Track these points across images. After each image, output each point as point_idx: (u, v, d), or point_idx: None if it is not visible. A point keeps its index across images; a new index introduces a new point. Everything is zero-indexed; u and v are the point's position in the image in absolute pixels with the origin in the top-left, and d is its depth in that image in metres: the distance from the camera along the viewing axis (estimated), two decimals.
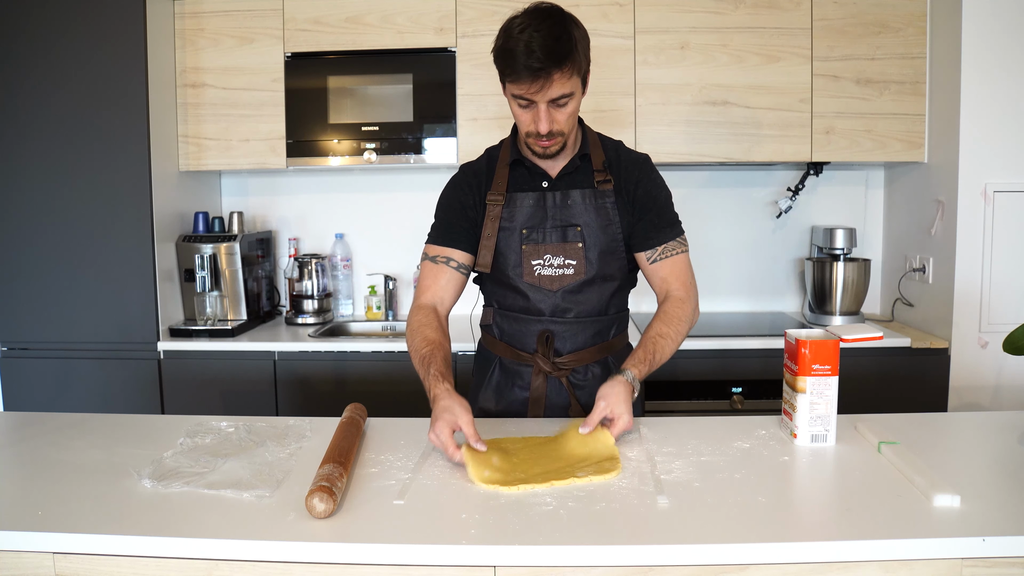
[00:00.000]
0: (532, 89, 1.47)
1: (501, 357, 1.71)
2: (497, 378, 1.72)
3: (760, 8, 2.67)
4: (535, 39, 1.42)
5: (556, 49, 1.43)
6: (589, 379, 1.69)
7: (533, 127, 1.53)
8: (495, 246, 1.64)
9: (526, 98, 1.49)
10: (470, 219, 1.67)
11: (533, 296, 1.64)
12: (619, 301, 1.71)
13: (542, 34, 1.43)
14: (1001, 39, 2.45)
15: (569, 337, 1.66)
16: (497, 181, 1.65)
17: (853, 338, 1.45)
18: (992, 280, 2.51)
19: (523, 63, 1.43)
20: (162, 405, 2.65)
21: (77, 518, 1.16)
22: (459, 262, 1.67)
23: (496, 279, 1.68)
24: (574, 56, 1.46)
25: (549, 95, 1.48)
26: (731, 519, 1.14)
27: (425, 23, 2.73)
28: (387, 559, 1.08)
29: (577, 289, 1.64)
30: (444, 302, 1.67)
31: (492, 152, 1.72)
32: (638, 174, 1.66)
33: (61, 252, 2.65)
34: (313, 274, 2.97)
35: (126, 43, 2.58)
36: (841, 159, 2.73)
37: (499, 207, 1.64)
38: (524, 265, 1.64)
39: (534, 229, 1.63)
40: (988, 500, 1.18)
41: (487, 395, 1.73)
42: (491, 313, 1.72)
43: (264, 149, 2.81)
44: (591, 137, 1.68)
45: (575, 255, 1.63)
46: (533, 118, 1.52)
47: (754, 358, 2.55)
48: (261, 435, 1.51)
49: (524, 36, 1.43)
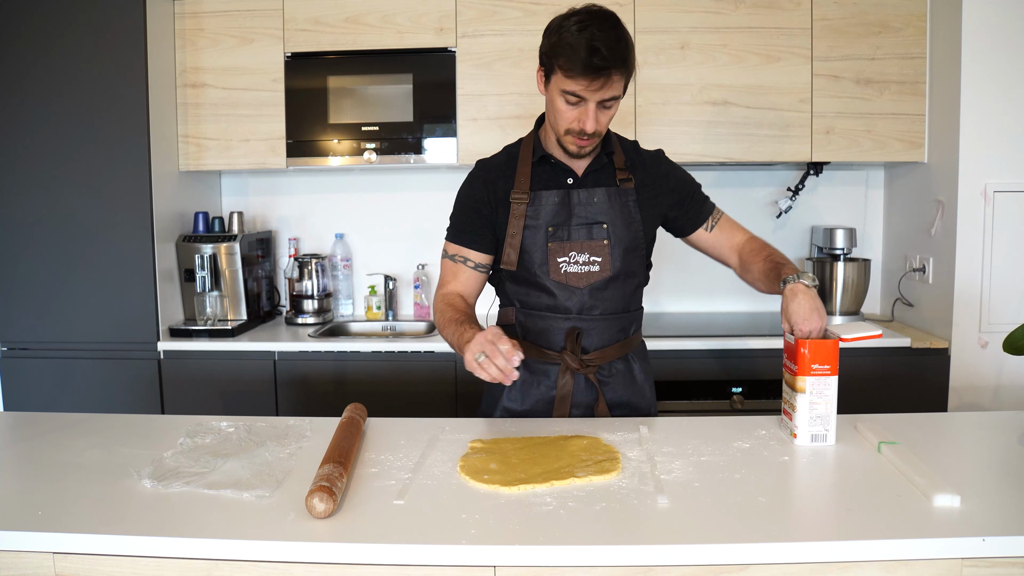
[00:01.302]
0: (592, 87, 1.49)
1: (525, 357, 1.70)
2: (522, 377, 1.69)
3: (760, 8, 2.67)
4: (599, 38, 1.46)
5: (619, 50, 1.47)
6: (613, 375, 1.70)
7: (577, 125, 1.55)
8: (520, 244, 1.65)
9: (579, 95, 1.51)
10: (484, 217, 1.67)
11: (560, 294, 1.65)
12: (638, 298, 1.75)
13: (606, 34, 1.47)
14: (1001, 39, 2.44)
15: (596, 334, 1.67)
16: (520, 179, 1.66)
17: (852, 337, 1.45)
18: (992, 280, 2.51)
19: (587, 60, 1.46)
20: (162, 405, 2.65)
21: (77, 518, 1.16)
22: (476, 262, 1.69)
23: (521, 278, 1.68)
24: (631, 60, 1.51)
25: (603, 95, 1.51)
26: (731, 519, 1.14)
27: (425, 23, 2.73)
28: (387, 559, 1.08)
29: (603, 286, 1.65)
30: (468, 296, 1.70)
31: (511, 149, 1.73)
32: (664, 168, 1.72)
33: (61, 252, 2.65)
34: (313, 274, 2.97)
35: (126, 43, 2.58)
36: (841, 159, 2.73)
37: (524, 205, 1.64)
38: (550, 263, 1.64)
39: (560, 227, 1.64)
40: (988, 500, 1.18)
41: (511, 395, 1.70)
42: (512, 312, 1.72)
43: (264, 149, 2.81)
44: (612, 136, 1.70)
45: (600, 252, 1.64)
46: (579, 116, 1.54)
47: (754, 358, 2.55)
48: (261, 435, 1.51)
49: (587, 34, 1.46)
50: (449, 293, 1.68)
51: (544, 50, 1.55)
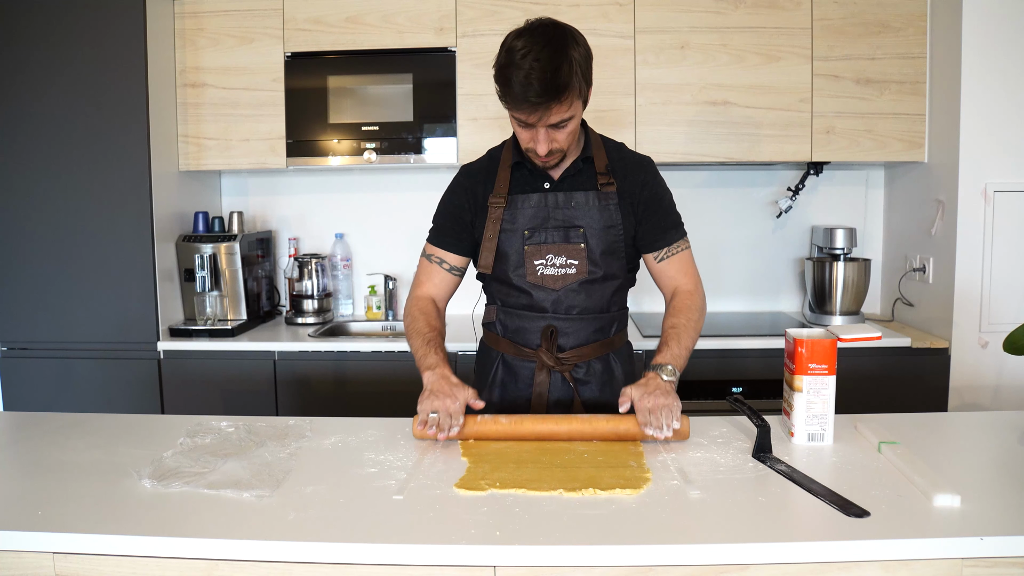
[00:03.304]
0: (531, 118, 1.49)
1: (504, 354, 1.72)
2: (500, 375, 1.73)
3: (760, 8, 2.67)
4: (534, 71, 1.41)
5: (555, 82, 1.43)
6: (591, 375, 1.70)
7: (532, 144, 1.55)
8: (496, 248, 1.65)
9: (525, 122, 1.51)
10: (464, 222, 1.69)
11: (536, 294, 1.66)
12: (620, 299, 1.74)
13: (541, 64, 1.42)
14: (1001, 39, 2.44)
15: (572, 333, 1.67)
16: (499, 183, 1.67)
17: (851, 337, 1.45)
18: (992, 280, 2.51)
19: (521, 95, 1.44)
20: (162, 405, 2.65)
21: (77, 518, 1.16)
22: (451, 264, 1.71)
23: (499, 279, 1.69)
24: (572, 85, 1.45)
25: (548, 121, 1.49)
26: (731, 519, 1.14)
27: (425, 23, 2.73)
28: (387, 559, 1.08)
29: (579, 287, 1.65)
30: (440, 298, 1.73)
31: (494, 153, 1.73)
32: (644, 176, 1.68)
33: (61, 252, 2.65)
34: (313, 274, 2.97)
35: (126, 43, 2.58)
36: (841, 159, 2.73)
37: (500, 209, 1.65)
38: (527, 265, 1.65)
39: (536, 230, 1.64)
40: (988, 500, 1.18)
41: (490, 392, 1.73)
42: (494, 311, 1.74)
43: (264, 149, 2.80)
44: (594, 139, 1.69)
45: (577, 255, 1.64)
46: (532, 137, 1.54)
47: (754, 358, 2.55)
48: (261, 435, 1.51)
49: (525, 64, 1.42)
50: (422, 297, 1.71)
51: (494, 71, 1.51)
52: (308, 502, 1.21)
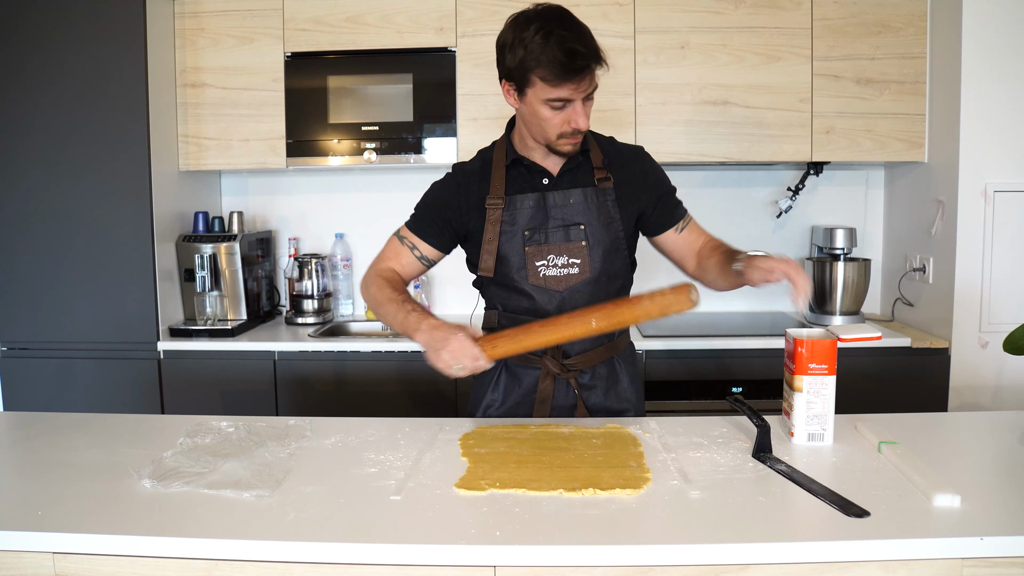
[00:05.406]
0: (579, 89, 1.49)
1: (507, 360, 1.70)
2: (503, 381, 1.71)
3: (760, 8, 2.67)
4: (569, 39, 1.44)
5: (591, 43, 1.47)
6: (597, 379, 1.69)
7: (569, 127, 1.53)
8: (497, 250, 1.63)
9: (565, 99, 1.49)
10: (447, 219, 1.67)
11: (539, 298, 1.64)
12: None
13: (573, 33, 1.45)
14: (1001, 39, 2.44)
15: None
16: (495, 184, 1.64)
17: (851, 337, 1.45)
18: (992, 280, 2.51)
19: (569, 65, 1.44)
20: (162, 405, 2.65)
21: (77, 518, 1.16)
22: (422, 253, 1.69)
23: (500, 283, 1.67)
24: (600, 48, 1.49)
25: (587, 90, 1.51)
26: (731, 519, 1.14)
27: (425, 23, 2.73)
28: (386, 559, 1.08)
29: (583, 288, 1.64)
30: (403, 277, 1.70)
31: (485, 154, 1.71)
32: (643, 164, 1.70)
33: (61, 252, 2.65)
34: (313, 274, 2.97)
35: (126, 43, 2.58)
36: (841, 159, 2.73)
37: (499, 210, 1.63)
38: (528, 267, 1.63)
39: (536, 230, 1.63)
40: (988, 500, 1.18)
41: (493, 398, 1.71)
42: (495, 316, 1.71)
43: (264, 149, 2.81)
44: (587, 134, 1.67)
45: (579, 254, 1.62)
46: (568, 118, 1.52)
47: (754, 358, 2.55)
48: (261, 435, 1.51)
49: (555, 38, 1.44)
50: (384, 269, 1.67)
51: (511, 66, 1.50)
52: (308, 502, 1.21)
